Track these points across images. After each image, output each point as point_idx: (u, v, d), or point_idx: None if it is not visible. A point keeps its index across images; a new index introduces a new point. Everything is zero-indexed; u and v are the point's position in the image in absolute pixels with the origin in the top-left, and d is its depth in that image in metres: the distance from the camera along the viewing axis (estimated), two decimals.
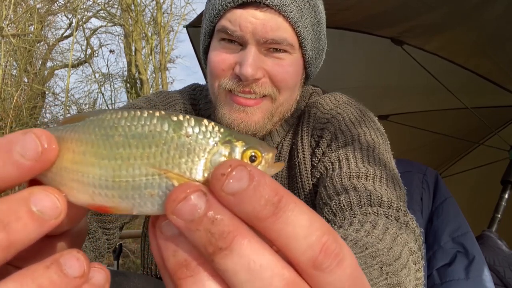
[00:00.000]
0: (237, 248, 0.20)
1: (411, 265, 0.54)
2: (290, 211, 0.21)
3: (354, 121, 0.80)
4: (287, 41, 0.70)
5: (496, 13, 1.62)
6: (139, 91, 7.98)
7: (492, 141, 2.55)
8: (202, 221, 0.20)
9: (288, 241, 0.21)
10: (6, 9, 5.40)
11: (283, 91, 0.74)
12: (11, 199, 0.21)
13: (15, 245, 0.21)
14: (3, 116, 4.90)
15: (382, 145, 0.77)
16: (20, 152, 0.22)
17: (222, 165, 0.21)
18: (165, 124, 0.23)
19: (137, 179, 0.23)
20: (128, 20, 8.01)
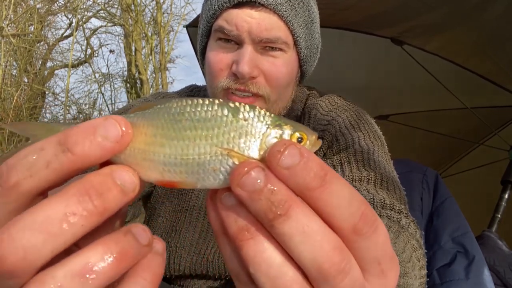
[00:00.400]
0: (293, 214, 0.24)
1: (415, 260, 0.55)
2: (334, 184, 0.25)
3: (353, 125, 0.81)
4: (282, 39, 0.72)
5: (496, 13, 1.62)
6: (139, 91, 7.98)
7: (492, 141, 2.55)
8: (263, 191, 0.24)
9: (333, 210, 0.25)
10: (6, 9, 5.40)
11: (276, 89, 0.75)
12: (98, 174, 0.25)
13: (106, 212, 0.25)
14: (3, 116, 4.90)
15: (380, 148, 0.78)
16: (104, 135, 0.25)
17: (277, 144, 0.25)
18: (225, 109, 0.27)
19: (202, 157, 0.27)
20: (128, 20, 8.01)
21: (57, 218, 0.24)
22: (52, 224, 0.23)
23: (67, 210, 0.24)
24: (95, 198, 0.24)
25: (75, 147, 0.25)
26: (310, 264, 0.24)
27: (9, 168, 0.25)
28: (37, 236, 0.23)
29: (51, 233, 0.23)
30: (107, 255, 0.24)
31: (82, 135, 0.25)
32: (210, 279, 0.78)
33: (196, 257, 0.77)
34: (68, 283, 0.24)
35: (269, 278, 0.25)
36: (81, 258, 0.24)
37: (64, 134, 0.25)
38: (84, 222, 0.24)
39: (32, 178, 0.25)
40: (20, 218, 0.24)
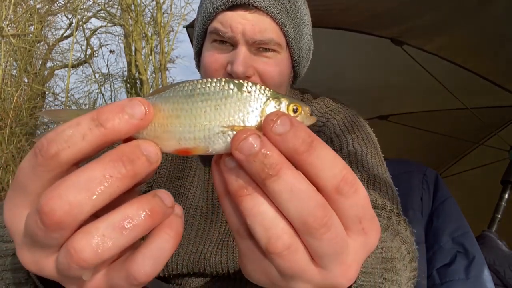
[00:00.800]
0: (283, 175, 0.28)
1: (404, 252, 0.56)
2: (319, 149, 0.29)
3: (347, 127, 0.83)
4: (274, 40, 0.74)
5: (496, 13, 1.62)
6: (139, 91, 7.98)
7: (492, 141, 2.55)
8: (257, 155, 0.28)
9: (317, 171, 0.29)
10: (6, 9, 5.40)
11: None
12: (128, 145, 0.30)
13: (136, 176, 0.29)
14: (3, 116, 4.90)
15: (373, 150, 0.80)
16: (130, 113, 0.29)
17: (271, 114, 0.30)
18: (231, 84, 0.32)
19: (212, 124, 0.31)
20: (128, 20, 8.00)
21: (97, 179, 0.28)
22: (93, 184, 0.28)
23: (105, 173, 0.28)
24: (127, 164, 0.29)
25: (106, 122, 0.29)
26: (297, 218, 0.28)
27: (49, 141, 0.29)
28: (81, 194, 0.27)
29: (92, 191, 0.28)
30: (141, 211, 0.29)
31: (112, 113, 0.29)
32: (207, 277, 0.78)
33: (193, 255, 0.78)
34: (110, 233, 0.28)
35: (263, 228, 0.29)
36: (120, 213, 0.29)
37: (96, 111, 0.29)
38: (119, 183, 0.28)
39: (70, 149, 0.28)
40: (66, 179, 0.28)
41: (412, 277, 0.57)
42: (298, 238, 0.29)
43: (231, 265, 0.75)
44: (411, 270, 0.56)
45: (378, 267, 0.48)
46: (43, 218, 0.27)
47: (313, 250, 0.29)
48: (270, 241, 0.29)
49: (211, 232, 0.80)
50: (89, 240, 0.28)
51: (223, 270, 0.76)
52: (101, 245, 0.28)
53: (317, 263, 0.30)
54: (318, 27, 1.82)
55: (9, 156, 4.74)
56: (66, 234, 0.28)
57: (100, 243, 0.28)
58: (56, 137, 0.29)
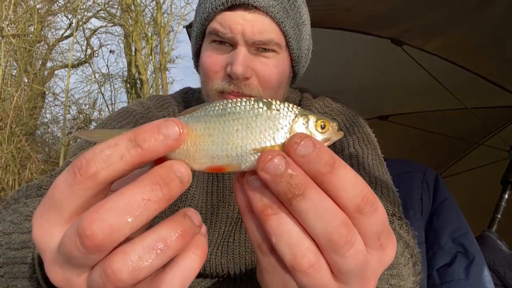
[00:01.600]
0: (308, 195, 0.29)
1: (407, 255, 0.56)
2: (341, 170, 0.30)
3: (347, 128, 0.83)
4: (274, 41, 0.73)
5: (496, 13, 1.62)
6: (139, 91, 7.98)
7: (492, 141, 2.55)
8: (283, 175, 0.29)
9: (339, 192, 0.30)
10: (6, 9, 5.40)
11: (269, 90, 0.76)
12: (163, 167, 0.30)
13: (172, 198, 0.30)
14: (3, 116, 4.90)
15: (373, 152, 0.80)
16: (166, 134, 0.30)
17: (294, 136, 0.30)
18: (260, 103, 0.33)
19: (244, 142, 0.32)
20: (128, 20, 8.00)
21: (136, 203, 0.29)
22: (133, 208, 0.29)
23: (144, 197, 0.29)
24: (163, 187, 0.30)
25: (143, 143, 0.30)
26: (322, 236, 0.30)
27: (88, 161, 0.29)
28: (121, 217, 0.28)
29: (132, 214, 0.29)
30: (174, 232, 0.30)
31: (148, 133, 0.30)
32: (207, 277, 0.78)
33: None
34: (145, 254, 0.29)
35: (289, 246, 0.30)
36: (155, 235, 0.30)
37: (133, 132, 0.30)
38: (156, 206, 0.29)
39: (109, 168, 0.29)
40: (106, 202, 0.29)
41: (417, 281, 0.57)
42: (321, 255, 0.31)
43: (231, 266, 0.75)
44: (415, 274, 0.56)
45: (385, 273, 0.48)
46: (84, 241, 0.28)
47: (336, 267, 0.31)
48: (296, 259, 0.30)
49: (210, 233, 0.80)
50: (126, 261, 0.29)
51: (223, 271, 0.76)
52: (137, 266, 0.29)
53: (338, 279, 0.31)
54: (318, 27, 1.82)
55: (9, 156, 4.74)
56: (104, 255, 0.29)
57: (136, 264, 0.29)
58: (94, 156, 0.29)
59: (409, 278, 0.53)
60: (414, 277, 0.56)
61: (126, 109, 0.87)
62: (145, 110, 0.86)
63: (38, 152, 6.47)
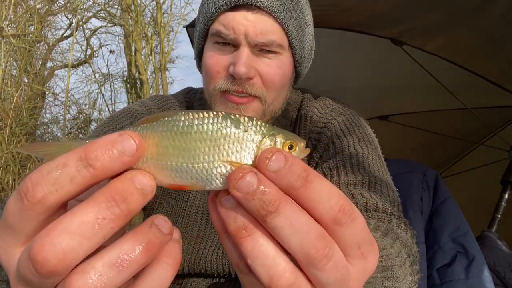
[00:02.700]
0: (282, 211, 0.28)
1: (404, 255, 0.56)
2: (315, 183, 0.29)
3: (348, 128, 0.83)
4: (276, 42, 0.73)
5: (496, 13, 1.62)
6: (139, 91, 7.97)
7: (492, 141, 2.55)
8: (256, 192, 0.28)
9: (315, 205, 0.29)
10: (6, 9, 5.40)
11: (271, 91, 0.77)
12: (121, 180, 0.28)
13: (131, 214, 0.28)
14: (3, 116, 4.90)
15: (373, 151, 0.80)
16: (121, 150, 0.28)
17: (265, 151, 0.29)
18: (228, 121, 0.32)
19: (210, 165, 0.31)
20: (128, 20, 8.00)
21: (90, 223, 0.27)
22: (86, 228, 0.27)
23: (98, 216, 0.27)
24: (120, 203, 0.28)
25: (95, 162, 0.27)
26: (299, 251, 0.29)
27: (34, 184, 0.27)
28: (74, 239, 0.27)
29: (86, 236, 0.27)
30: (137, 246, 0.28)
31: (101, 150, 0.28)
32: (208, 277, 0.78)
33: (194, 256, 0.77)
34: (106, 271, 0.27)
35: (264, 268, 0.29)
36: (116, 250, 0.28)
37: (84, 150, 0.28)
38: (113, 225, 0.28)
39: (58, 192, 0.27)
40: (57, 224, 0.27)
41: (415, 281, 0.56)
42: (300, 272, 0.30)
43: (232, 266, 0.75)
44: (413, 274, 0.56)
45: (378, 276, 0.48)
46: (36, 267, 0.26)
47: (316, 281, 0.30)
48: (273, 281, 0.29)
49: (212, 233, 0.80)
50: (86, 280, 0.27)
51: (224, 271, 0.76)
52: (98, 284, 0.27)
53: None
54: (318, 27, 1.82)
55: (9, 156, 4.74)
56: (61, 278, 0.28)
57: (97, 282, 0.27)
58: (41, 179, 0.27)
59: (405, 279, 0.53)
60: (412, 277, 0.56)
61: (127, 109, 0.87)
62: (147, 111, 0.87)
63: None
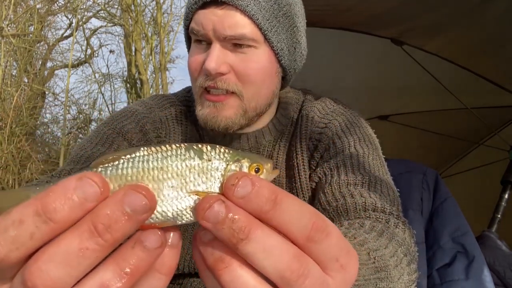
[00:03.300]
0: (253, 237, 0.27)
1: (400, 255, 0.56)
2: (285, 204, 0.28)
3: (348, 128, 0.82)
4: (246, 36, 0.72)
5: (496, 13, 1.62)
6: (139, 91, 7.97)
7: (492, 141, 2.55)
8: (225, 221, 0.27)
9: (287, 226, 0.28)
10: (6, 9, 5.40)
11: (248, 86, 0.75)
12: (107, 205, 0.26)
13: (117, 242, 0.26)
14: (3, 116, 4.90)
15: (374, 152, 0.80)
16: (82, 197, 0.26)
17: (231, 177, 0.29)
18: (191, 152, 0.31)
19: (178, 199, 0.30)
20: (128, 20, 8.00)
21: (73, 253, 0.25)
22: (71, 258, 0.25)
23: (81, 246, 0.26)
24: (103, 233, 0.26)
25: (55, 215, 0.25)
26: (275, 274, 0.28)
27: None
28: (61, 268, 0.25)
29: (71, 265, 0.25)
30: (119, 273, 0.27)
31: (60, 201, 0.25)
32: None
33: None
34: None
35: None
36: (96, 279, 0.26)
37: (40, 202, 0.25)
38: (98, 254, 0.26)
39: (19, 250, 0.26)
40: (45, 251, 0.26)
41: (412, 280, 0.56)
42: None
43: None
44: (411, 273, 0.56)
45: (372, 277, 0.48)
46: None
47: None
48: None
49: None
50: None
51: None
52: None
53: None
54: (318, 27, 1.82)
55: (9, 156, 4.74)
56: None
57: None
58: (0, 238, 0.26)
59: (401, 279, 0.53)
60: (409, 276, 0.56)
61: (128, 109, 0.87)
62: (147, 110, 0.87)
63: (38, 152, 6.46)
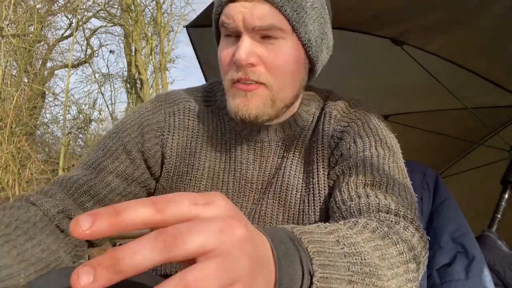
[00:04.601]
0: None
1: (393, 251, 0.54)
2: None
3: (368, 131, 0.83)
4: (275, 26, 0.73)
5: (496, 13, 1.62)
6: (139, 91, 7.97)
7: (492, 141, 2.55)
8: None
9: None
10: (6, 9, 5.40)
11: (278, 77, 0.76)
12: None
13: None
14: (3, 116, 4.90)
15: (396, 154, 0.81)
16: None
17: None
18: None
19: None
20: (128, 20, 8.00)
21: None
22: None
23: None
24: None
25: None
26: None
27: None
28: None
29: None
30: None
31: None
32: None
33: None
34: None
35: None
36: None
37: None
38: None
39: None
40: None
41: (411, 279, 0.55)
42: None
43: None
44: (408, 271, 0.55)
45: (342, 261, 0.47)
46: None
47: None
48: None
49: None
50: None
51: None
52: None
53: None
54: None
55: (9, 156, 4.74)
56: None
57: None
58: None
59: (395, 279, 0.52)
60: (407, 274, 0.54)
61: (142, 108, 0.89)
62: (159, 107, 0.89)
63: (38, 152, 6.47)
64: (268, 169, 0.84)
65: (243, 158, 0.84)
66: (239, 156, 0.84)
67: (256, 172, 0.83)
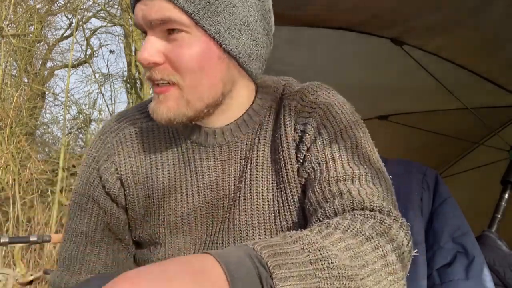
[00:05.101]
0: None
1: (367, 248, 0.53)
2: None
3: (331, 119, 0.78)
4: (173, 19, 0.68)
5: (496, 13, 1.62)
6: (139, 91, 7.97)
7: (492, 141, 2.55)
8: None
9: None
10: (6, 9, 5.40)
11: (185, 74, 0.71)
12: None
13: None
14: (3, 116, 4.90)
15: (364, 138, 0.76)
16: None
17: None
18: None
19: None
20: (128, 20, 7.99)
21: None
22: None
23: None
24: None
25: None
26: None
27: None
28: None
29: None
30: None
31: None
32: None
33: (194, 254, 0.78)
34: None
35: None
36: None
37: None
38: None
39: None
40: None
41: (392, 271, 0.54)
42: None
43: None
44: (386, 265, 0.53)
45: (308, 269, 0.47)
46: None
47: None
48: None
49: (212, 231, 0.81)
50: None
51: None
52: None
53: None
54: (318, 27, 1.82)
55: (9, 156, 4.74)
56: None
57: None
58: None
59: (372, 275, 0.51)
60: (384, 268, 0.53)
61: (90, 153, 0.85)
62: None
63: (38, 152, 6.47)
64: (233, 174, 0.78)
65: (203, 166, 0.78)
66: (199, 165, 0.78)
67: (220, 179, 0.78)
